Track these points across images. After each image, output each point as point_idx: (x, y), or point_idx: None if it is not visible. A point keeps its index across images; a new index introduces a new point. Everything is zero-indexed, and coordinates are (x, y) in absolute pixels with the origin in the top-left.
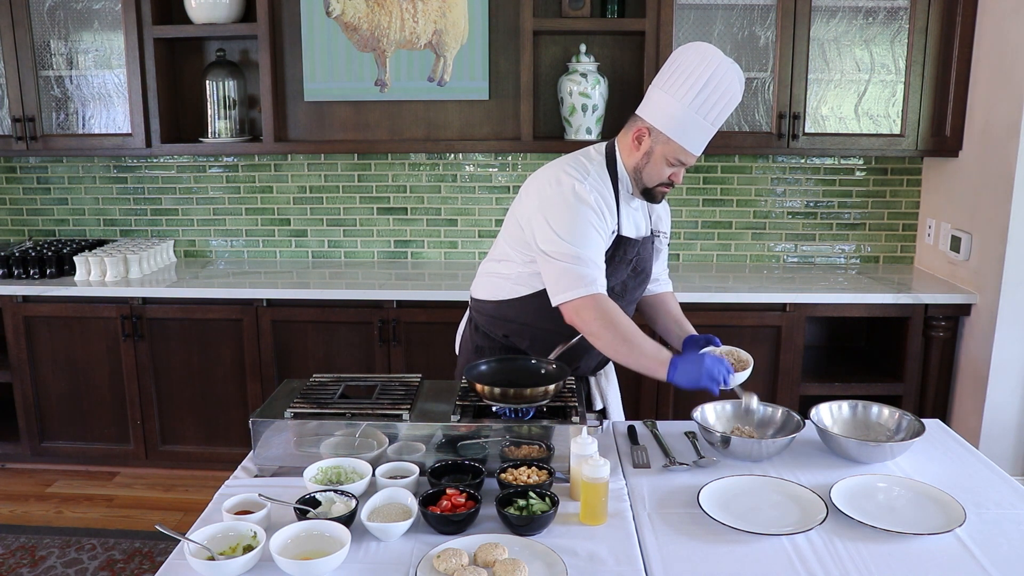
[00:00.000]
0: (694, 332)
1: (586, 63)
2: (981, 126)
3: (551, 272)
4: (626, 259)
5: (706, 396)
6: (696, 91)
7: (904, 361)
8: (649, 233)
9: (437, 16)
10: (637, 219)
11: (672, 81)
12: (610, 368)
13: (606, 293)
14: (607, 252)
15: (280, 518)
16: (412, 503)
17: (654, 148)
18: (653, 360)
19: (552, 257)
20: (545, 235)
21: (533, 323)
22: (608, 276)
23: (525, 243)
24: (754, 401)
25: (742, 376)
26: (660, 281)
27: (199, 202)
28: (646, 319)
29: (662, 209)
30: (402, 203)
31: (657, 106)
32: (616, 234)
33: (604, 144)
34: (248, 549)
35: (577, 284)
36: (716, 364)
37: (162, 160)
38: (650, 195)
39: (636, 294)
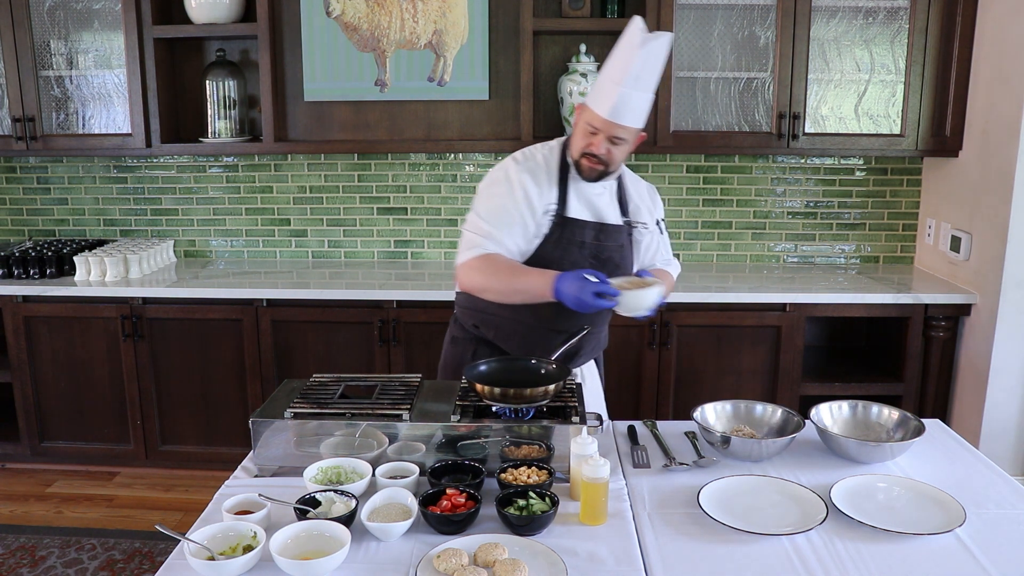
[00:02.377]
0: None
1: (586, 63)
2: (981, 126)
3: (461, 242)
4: (575, 240)
5: (706, 396)
6: (612, 59)
7: (904, 361)
8: (621, 221)
9: (437, 16)
10: (598, 205)
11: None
12: (591, 366)
13: (499, 250)
14: (555, 233)
15: (280, 518)
16: (412, 503)
17: (580, 118)
18: (540, 280)
19: (467, 230)
20: (472, 209)
21: (498, 312)
22: (556, 256)
23: None
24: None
25: (644, 294)
26: (655, 264)
27: (199, 202)
28: None
29: (640, 200)
30: (402, 203)
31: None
32: (558, 214)
33: (564, 137)
34: (248, 549)
35: (472, 247)
36: (589, 275)
37: (162, 160)
38: (579, 169)
39: None
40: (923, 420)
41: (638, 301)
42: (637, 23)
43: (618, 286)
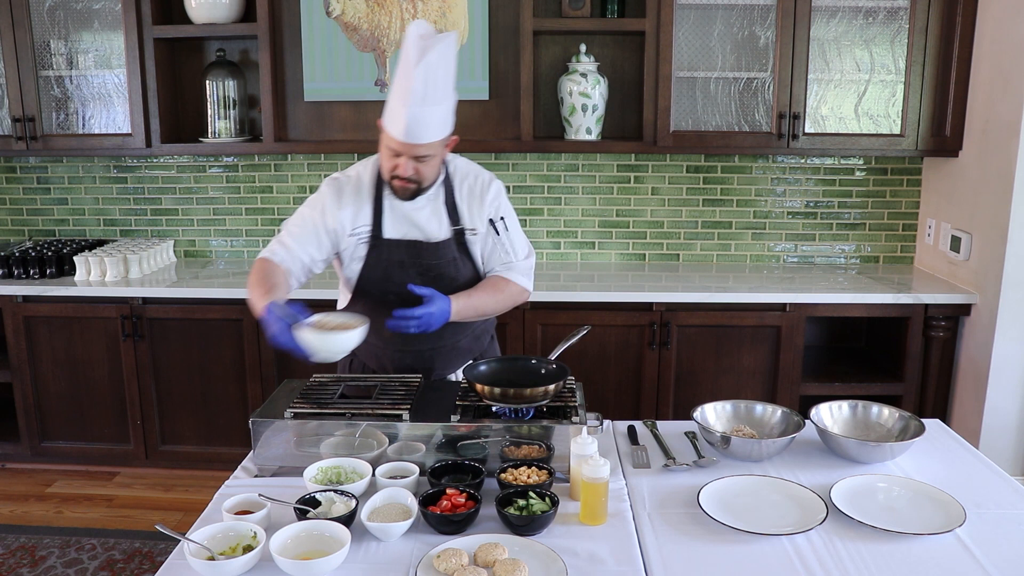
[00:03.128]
0: (453, 299)
1: (586, 63)
2: (981, 126)
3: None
4: (394, 260)
5: (706, 396)
6: (395, 75)
7: (904, 361)
8: (450, 235)
9: (437, 16)
10: (418, 220)
11: None
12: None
13: (274, 259)
14: (370, 254)
15: (280, 518)
16: (412, 503)
17: (381, 140)
18: (257, 306)
19: (280, 231)
20: None
21: None
22: (378, 278)
23: None
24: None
25: (333, 340)
26: (491, 266)
27: (199, 202)
28: None
29: (471, 202)
30: None
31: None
32: (372, 235)
33: None
34: (248, 549)
35: (269, 246)
36: (279, 320)
37: (162, 160)
38: (392, 189)
39: None
40: (923, 420)
41: (328, 347)
42: (411, 32)
43: (318, 323)
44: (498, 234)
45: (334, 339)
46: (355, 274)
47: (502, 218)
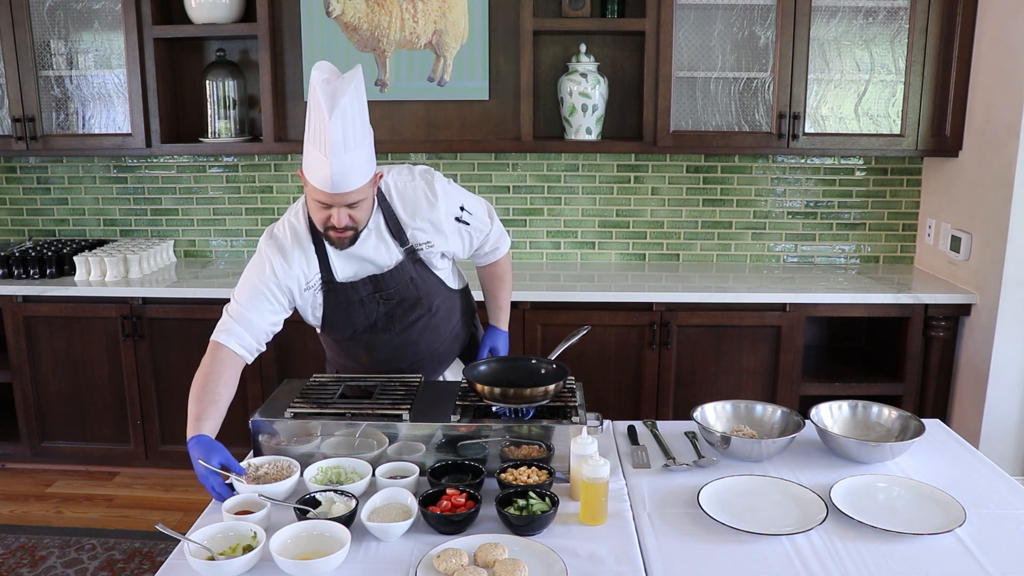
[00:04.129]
0: (498, 323)
1: (586, 63)
2: (981, 126)
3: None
4: (353, 300)
5: (706, 396)
6: (308, 121)
7: (904, 361)
8: (402, 257)
9: (437, 16)
10: (365, 254)
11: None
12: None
13: (233, 346)
14: (331, 298)
15: (280, 518)
16: (412, 503)
17: (306, 192)
18: (190, 427)
19: (225, 309)
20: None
21: (335, 359)
22: (342, 320)
23: None
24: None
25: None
26: (485, 254)
27: (199, 202)
28: (481, 284)
29: (416, 217)
30: None
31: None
32: (325, 283)
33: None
34: (248, 549)
35: (218, 330)
36: (212, 475)
37: (162, 160)
38: (329, 240)
39: (412, 318)
40: (923, 420)
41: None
42: (315, 78)
43: (251, 475)
44: (468, 224)
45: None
46: (319, 320)
47: (461, 207)
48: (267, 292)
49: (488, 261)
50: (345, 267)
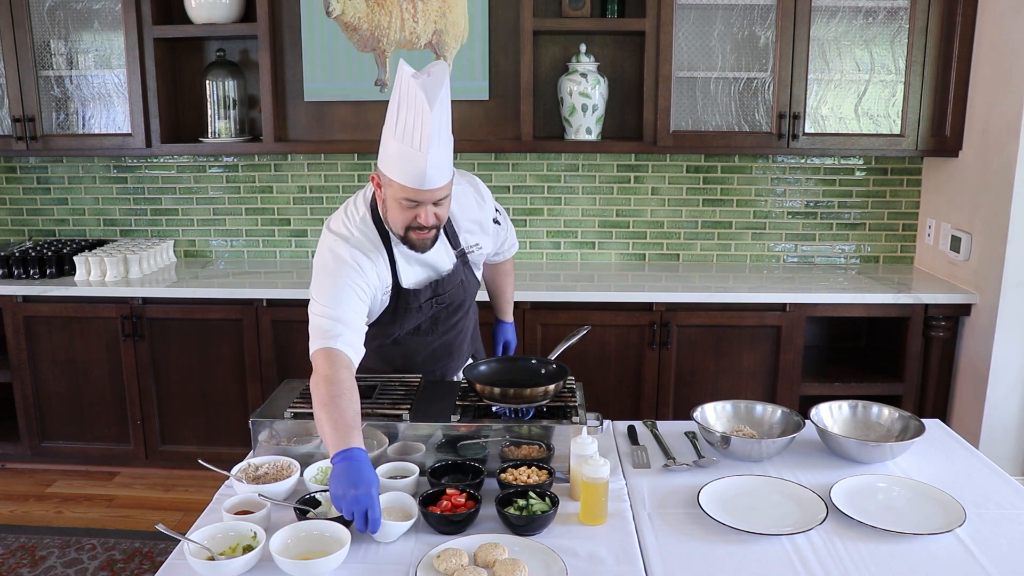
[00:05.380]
0: (507, 316)
1: (586, 63)
2: (981, 126)
3: (311, 327)
4: (412, 307)
5: (706, 396)
6: (395, 118)
7: (904, 361)
8: (455, 260)
9: (437, 16)
10: (428, 259)
11: (387, 116)
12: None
13: (346, 350)
14: (391, 304)
15: (280, 518)
16: (412, 505)
17: (387, 193)
18: (330, 439)
19: (314, 314)
20: (311, 296)
21: (369, 366)
22: (394, 324)
23: None
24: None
25: (396, 527)
26: (502, 252)
27: (199, 202)
28: (485, 282)
29: (467, 218)
30: None
31: (382, 147)
32: (393, 288)
33: (370, 191)
34: (248, 549)
35: (322, 337)
36: (361, 500)
37: (162, 160)
38: (410, 244)
39: (453, 321)
40: (923, 420)
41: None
42: (404, 72)
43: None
44: (500, 225)
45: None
46: (371, 321)
47: (496, 209)
48: (357, 290)
49: (501, 259)
50: (409, 274)
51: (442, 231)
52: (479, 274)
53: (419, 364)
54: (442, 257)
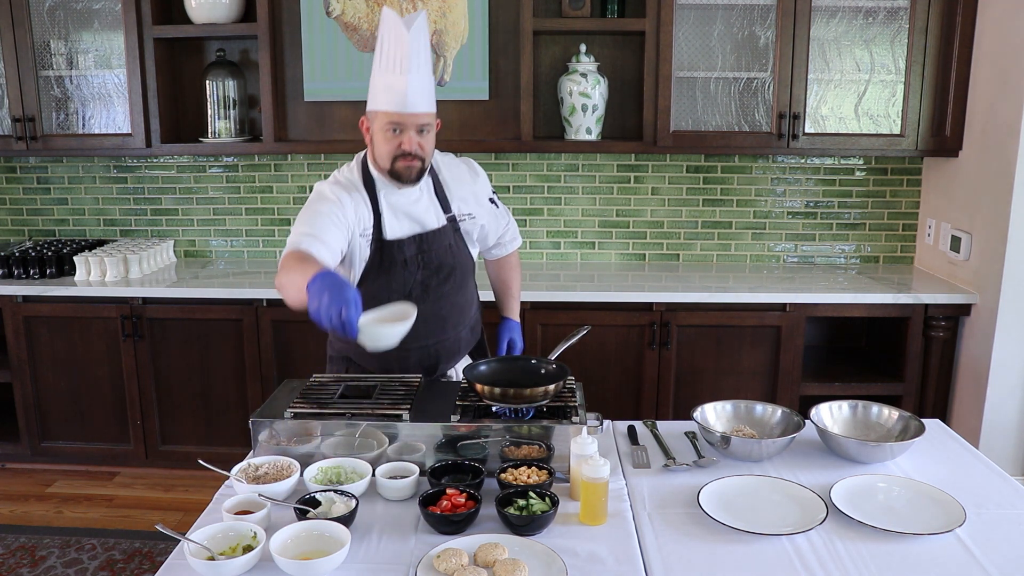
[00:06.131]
0: (512, 314)
1: (586, 63)
2: (981, 126)
3: (285, 248)
4: (397, 261)
5: (706, 396)
6: (379, 54)
7: (904, 361)
8: (444, 222)
9: (437, 16)
10: (416, 213)
11: (373, 59)
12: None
13: (317, 252)
14: (375, 258)
15: (280, 518)
16: (410, 308)
17: (373, 128)
18: (301, 279)
19: (289, 237)
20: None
21: (348, 341)
22: (382, 283)
23: None
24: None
25: (385, 332)
26: (504, 244)
27: (199, 202)
28: (490, 279)
29: (460, 188)
30: None
31: (369, 92)
32: (375, 239)
33: (361, 154)
34: (248, 549)
35: (293, 247)
36: (335, 302)
37: (162, 160)
38: (396, 175)
39: (445, 289)
40: (923, 420)
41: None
42: (390, 13)
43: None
44: (497, 207)
45: (389, 330)
46: (357, 277)
47: (493, 195)
48: (337, 215)
49: (505, 252)
50: (394, 225)
51: (433, 194)
52: (474, 252)
53: (411, 336)
54: (429, 215)
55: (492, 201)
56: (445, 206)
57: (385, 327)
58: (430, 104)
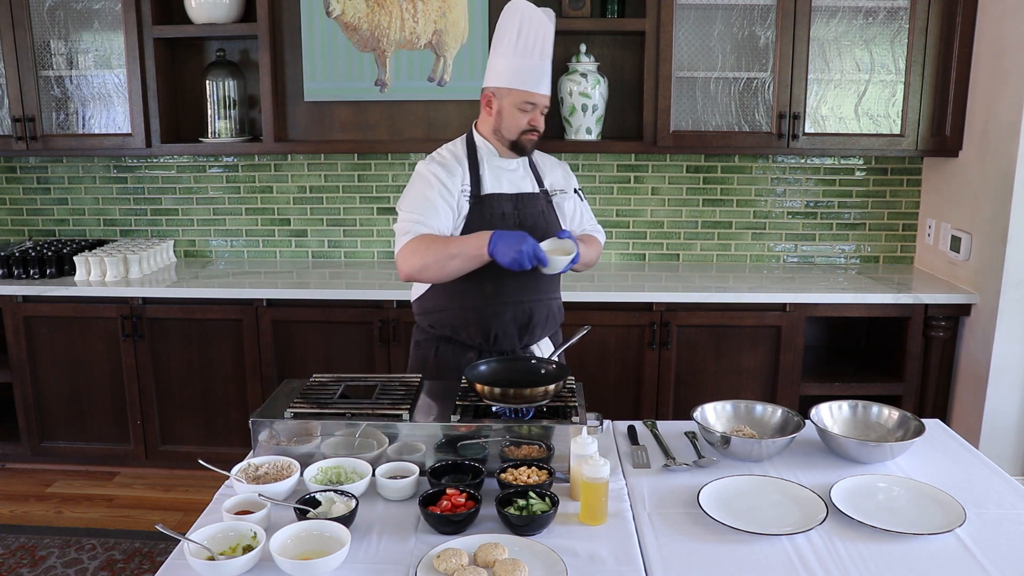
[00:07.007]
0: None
1: (586, 63)
2: (981, 126)
3: (397, 231)
4: (496, 213)
5: (706, 396)
6: (514, 39)
7: (904, 361)
8: (538, 190)
9: (437, 16)
10: (514, 179)
11: (497, 43)
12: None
13: (436, 233)
14: (475, 212)
15: (280, 518)
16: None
17: (503, 104)
18: (475, 240)
19: (400, 220)
20: (399, 208)
21: (446, 305)
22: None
23: None
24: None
25: (560, 261)
26: (584, 230)
27: (199, 202)
28: None
29: (552, 172)
30: None
31: (493, 69)
32: (473, 195)
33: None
34: (248, 549)
35: (406, 234)
36: (524, 240)
37: (162, 160)
38: (519, 147)
39: None
40: (923, 420)
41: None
42: (523, 2)
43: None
44: (582, 200)
45: (564, 258)
46: (459, 231)
47: (579, 189)
48: (439, 198)
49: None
50: (493, 183)
51: (528, 170)
52: (564, 224)
53: (506, 292)
54: (526, 182)
55: (577, 192)
56: (539, 181)
57: (559, 256)
58: (550, 88)
